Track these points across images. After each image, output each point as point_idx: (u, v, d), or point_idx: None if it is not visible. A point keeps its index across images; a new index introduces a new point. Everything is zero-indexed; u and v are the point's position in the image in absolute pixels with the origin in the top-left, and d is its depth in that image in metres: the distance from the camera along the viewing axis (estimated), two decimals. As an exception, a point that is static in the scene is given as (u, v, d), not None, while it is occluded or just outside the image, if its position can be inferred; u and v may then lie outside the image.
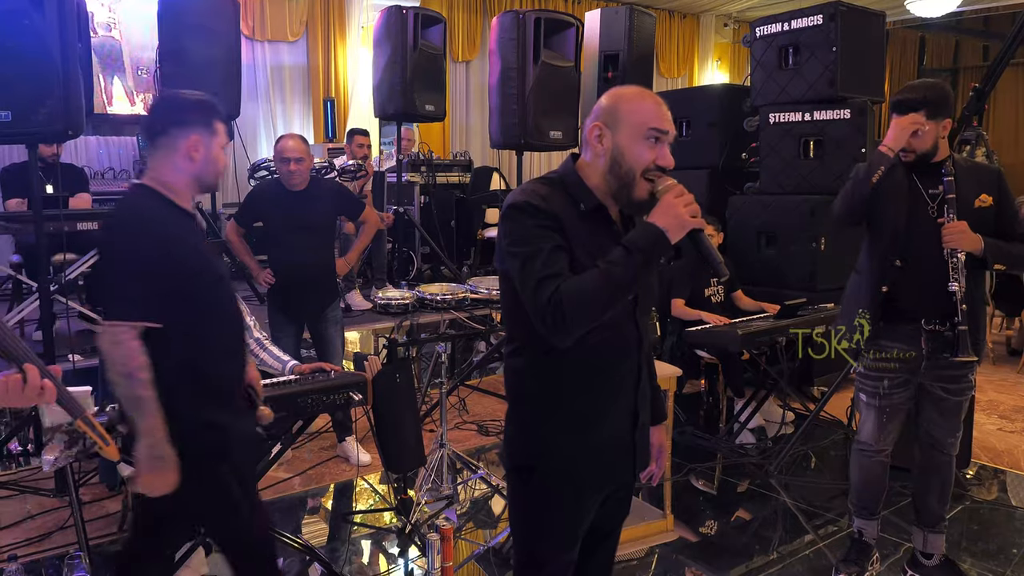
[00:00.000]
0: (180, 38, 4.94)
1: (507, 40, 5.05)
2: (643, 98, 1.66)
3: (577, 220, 1.62)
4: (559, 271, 1.54)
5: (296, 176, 3.84)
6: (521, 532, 1.79)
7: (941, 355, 2.68)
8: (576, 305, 1.51)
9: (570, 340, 1.55)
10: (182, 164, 2.03)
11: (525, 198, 1.61)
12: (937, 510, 2.91)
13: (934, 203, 2.67)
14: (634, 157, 1.61)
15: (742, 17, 11.48)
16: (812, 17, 5.12)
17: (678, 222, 1.54)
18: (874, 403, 2.83)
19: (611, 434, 1.72)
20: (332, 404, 2.84)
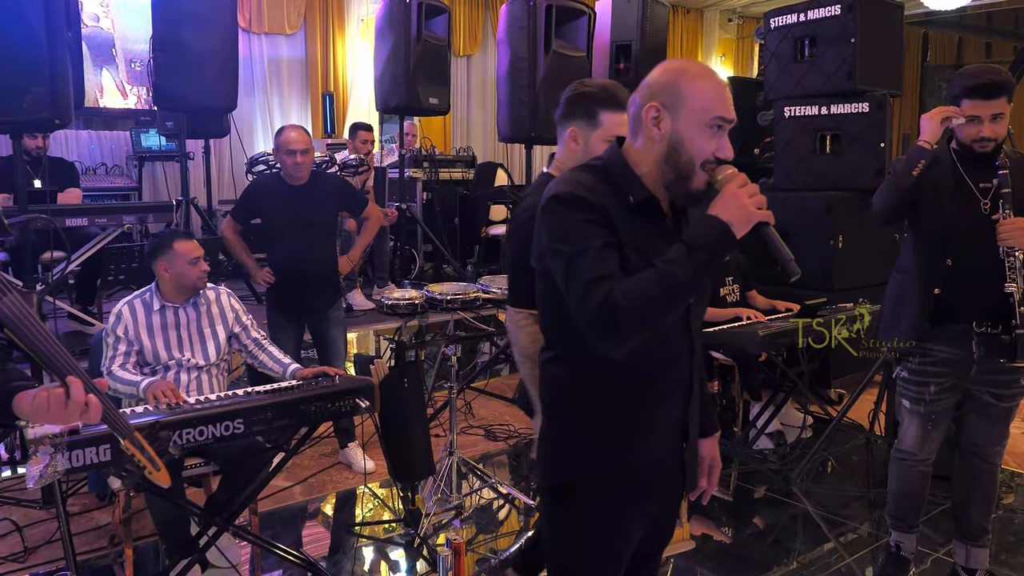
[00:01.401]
0: (175, 28, 4.77)
1: (517, 29, 4.88)
2: (708, 78, 1.45)
3: (626, 213, 1.44)
4: (611, 272, 1.36)
5: (302, 169, 3.67)
6: (559, 558, 1.61)
7: (995, 359, 2.51)
8: (633, 310, 1.33)
9: (624, 350, 1.38)
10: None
11: (570, 189, 1.43)
12: (980, 522, 2.76)
13: (985, 198, 2.48)
14: (695, 147, 1.42)
15: (746, 12, 11.34)
16: (829, 7, 4.96)
17: (743, 214, 1.36)
18: (919, 409, 2.66)
19: (659, 450, 1.55)
20: (338, 411, 2.67)
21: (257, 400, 2.53)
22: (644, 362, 1.48)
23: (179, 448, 2.32)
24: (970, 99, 2.44)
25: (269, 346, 3.10)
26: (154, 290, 2.96)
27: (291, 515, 3.56)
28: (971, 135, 2.46)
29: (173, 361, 2.90)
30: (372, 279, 5.87)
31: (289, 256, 3.74)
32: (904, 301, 2.64)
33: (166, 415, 2.37)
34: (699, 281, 1.38)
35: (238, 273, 5.79)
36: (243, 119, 7.52)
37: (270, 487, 3.48)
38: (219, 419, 2.40)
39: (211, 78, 4.90)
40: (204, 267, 2.96)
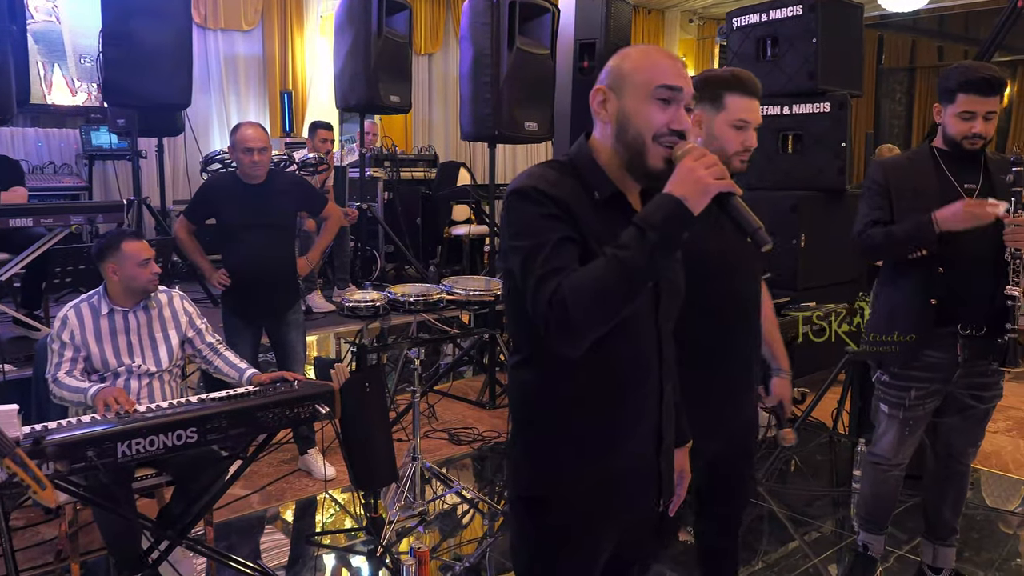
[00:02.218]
0: (125, 20, 4.60)
1: (480, 25, 4.80)
2: (650, 54, 1.42)
3: (591, 210, 1.38)
4: (564, 265, 1.29)
5: (259, 167, 3.56)
6: (528, 571, 1.54)
7: (979, 361, 2.48)
8: (582, 302, 1.25)
9: (579, 347, 1.31)
10: None
11: (531, 183, 1.37)
12: (950, 522, 2.76)
13: (971, 197, 2.41)
14: (642, 120, 1.37)
15: (707, 14, 11.42)
16: (791, 7, 4.98)
17: (699, 187, 1.27)
18: (897, 415, 2.59)
19: (633, 460, 1.49)
20: (297, 418, 2.57)
21: (211, 408, 2.42)
22: (616, 366, 1.42)
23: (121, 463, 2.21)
24: (966, 94, 2.36)
25: (225, 351, 2.99)
26: (102, 293, 2.83)
27: (248, 525, 3.44)
28: (963, 131, 2.39)
29: (123, 368, 2.78)
30: (332, 280, 5.76)
31: (245, 257, 3.62)
32: (897, 316, 2.54)
33: (115, 425, 2.26)
34: (653, 266, 1.28)
35: (193, 275, 5.63)
36: (198, 117, 7.34)
37: (226, 496, 3.36)
38: (171, 428, 2.30)
39: (164, 74, 4.75)
40: (155, 269, 2.83)
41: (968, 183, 2.44)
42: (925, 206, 2.41)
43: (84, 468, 2.16)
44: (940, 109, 2.45)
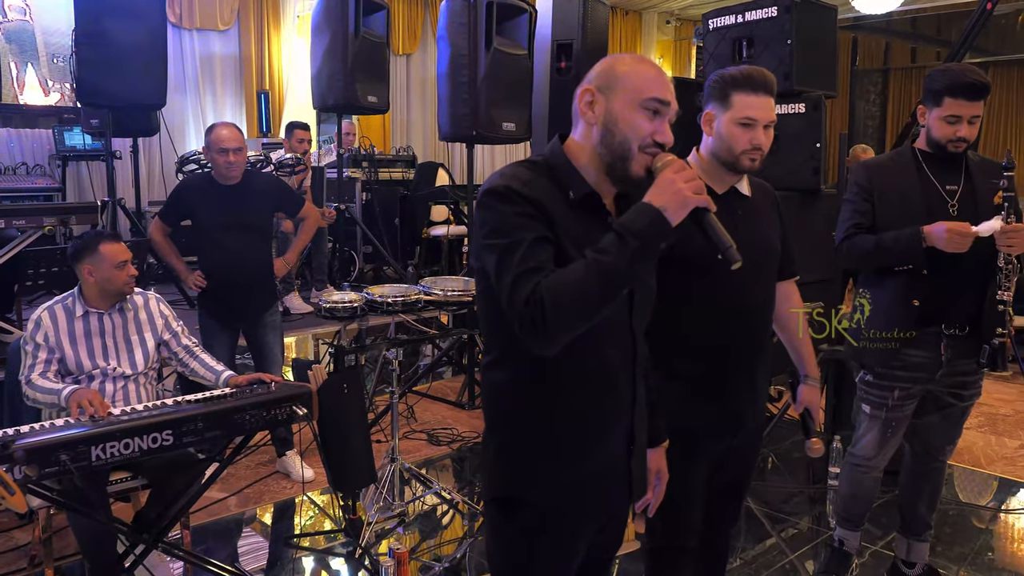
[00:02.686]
0: (98, 20, 4.56)
1: (457, 25, 4.80)
2: (643, 63, 1.45)
3: (565, 209, 1.39)
4: (541, 265, 1.31)
5: (234, 168, 3.53)
6: (502, 571, 1.55)
7: (960, 361, 2.50)
8: (560, 303, 1.27)
9: (554, 347, 1.32)
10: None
11: (504, 182, 1.38)
12: (925, 518, 2.79)
13: (952, 199, 2.44)
14: (630, 127, 1.39)
15: (684, 15, 11.48)
16: (766, 9, 5.02)
17: (679, 200, 1.30)
18: (880, 415, 2.59)
19: (605, 460, 1.50)
20: (274, 419, 2.55)
21: (187, 410, 2.40)
22: (587, 366, 1.44)
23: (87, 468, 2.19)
24: (954, 98, 2.37)
25: (201, 353, 2.97)
26: (77, 295, 2.80)
27: (226, 528, 3.42)
28: (948, 135, 2.39)
29: (97, 370, 2.75)
30: (310, 282, 5.73)
31: (222, 259, 3.59)
32: (878, 318, 2.55)
33: (88, 428, 2.24)
34: (632, 271, 1.31)
35: (169, 277, 5.58)
36: (174, 117, 7.28)
37: (203, 499, 3.34)
38: (146, 431, 2.27)
39: (138, 73, 4.71)
40: (132, 271, 2.80)
41: (950, 185, 2.46)
42: (909, 209, 2.43)
43: (57, 472, 2.14)
44: (925, 111, 2.46)
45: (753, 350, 2.01)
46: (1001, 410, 4.99)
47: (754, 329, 2.01)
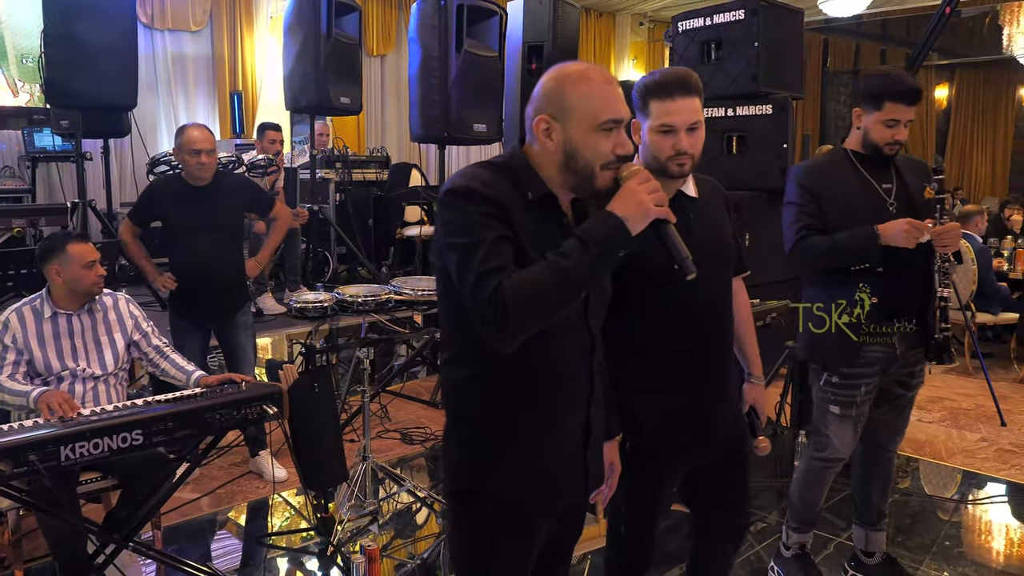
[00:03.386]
0: (67, 21, 4.53)
1: (428, 28, 4.83)
2: (591, 81, 1.44)
3: (524, 210, 1.43)
4: (502, 265, 1.35)
5: (206, 169, 3.55)
6: (464, 562, 1.59)
7: (910, 352, 2.59)
8: (521, 303, 1.32)
9: (513, 344, 1.36)
10: None
11: (466, 183, 1.42)
12: (879, 507, 2.85)
13: (891, 198, 2.52)
14: (590, 152, 1.43)
15: (657, 16, 11.57)
16: (734, 12, 5.11)
17: (641, 211, 1.37)
18: (850, 413, 2.62)
19: (562, 453, 1.55)
20: (244, 419, 2.58)
21: (157, 410, 2.42)
22: (546, 362, 1.48)
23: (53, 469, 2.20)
24: (894, 103, 2.44)
25: (172, 353, 2.98)
26: (45, 296, 2.80)
27: (198, 528, 3.43)
28: (887, 138, 2.47)
29: (67, 371, 2.75)
30: (284, 283, 5.72)
31: (193, 260, 3.60)
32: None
33: (57, 428, 2.25)
34: (591, 276, 1.37)
35: (141, 279, 5.54)
36: (145, 118, 7.22)
37: (175, 500, 3.36)
38: (116, 431, 2.29)
39: (108, 74, 4.68)
40: (100, 272, 2.81)
41: (885, 183, 2.54)
42: (856, 208, 2.49)
43: (26, 472, 2.15)
44: (861, 114, 2.51)
45: (719, 351, 2.02)
46: (963, 404, 5.11)
47: (718, 329, 2.02)
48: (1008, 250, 6.64)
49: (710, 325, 1.97)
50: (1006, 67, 13.53)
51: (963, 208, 6.66)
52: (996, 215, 7.98)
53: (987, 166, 14.80)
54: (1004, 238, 7.00)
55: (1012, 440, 4.44)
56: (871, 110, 2.48)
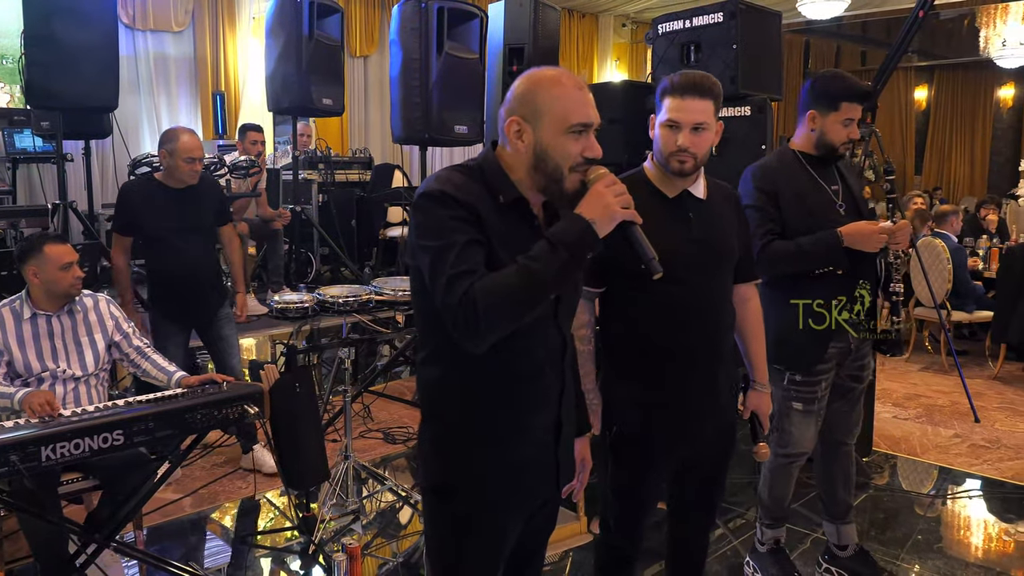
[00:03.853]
0: (48, 22, 4.51)
1: (409, 30, 4.85)
2: (562, 85, 1.48)
3: (495, 213, 1.47)
4: (474, 268, 1.39)
5: (196, 176, 3.62)
6: (439, 556, 1.63)
7: (863, 346, 2.67)
8: (491, 305, 1.35)
9: (484, 345, 1.40)
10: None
11: (439, 186, 1.45)
12: (845, 500, 2.90)
13: (839, 199, 2.58)
14: (560, 154, 1.47)
15: (640, 18, 11.64)
16: (713, 15, 5.15)
17: (608, 213, 1.41)
18: (812, 409, 2.68)
19: (533, 450, 1.59)
20: (225, 419, 2.60)
21: (138, 410, 2.43)
22: (517, 361, 1.52)
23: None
24: (850, 102, 2.51)
25: (153, 354, 3.00)
26: (25, 297, 2.81)
27: (180, 528, 3.44)
28: (843, 137, 2.53)
29: (47, 372, 2.77)
30: (267, 283, 5.73)
31: (177, 262, 3.62)
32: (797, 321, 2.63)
33: (38, 429, 2.26)
34: (561, 278, 1.41)
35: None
36: (127, 119, 7.20)
37: (157, 500, 3.37)
38: (97, 431, 2.31)
39: (90, 75, 4.67)
40: (77, 273, 2.82)
41: (832, 185, 2.60)
42: (812, 210, 2.54)
43: (7, 473, 2.16)
44: (816, 115, 2.55)
45: (709, 350, 2.05)
46: (938, 401, 5.19)
47: (710, 329, 2.05)
48: (983, 249, 6.73)
49: (696, 323, 2.02)
50: (984, 69, 13.72)
51: (938, 208, 6.76)
52: (972, 215, 8.10)
53: (966, 166, 14.99)
54: (980, 237, 7.10)
55: (985, 436, 4.52)
56: (827, 111, 2.54)
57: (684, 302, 1.98)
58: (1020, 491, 3.80)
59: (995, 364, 5.82)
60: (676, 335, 2.00)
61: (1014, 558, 3.21)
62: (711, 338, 2.05)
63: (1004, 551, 3.30)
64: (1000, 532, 3.47)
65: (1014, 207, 9.13)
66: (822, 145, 2.57)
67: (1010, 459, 4.17)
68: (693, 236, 2.01)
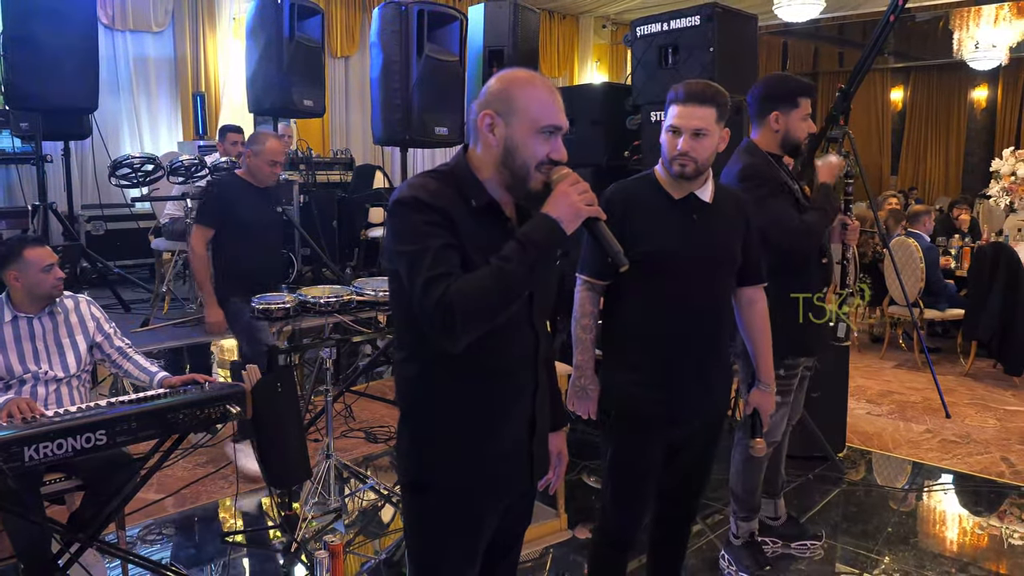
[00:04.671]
0: (26, 23, 4.53)
1: (389, 32, 4.90)
2: (536, 87, 1.54)
3: (468, 217, 1.52)
4: (449, 270, 1.44)
5: (276, 178, 3.92)
6: (418, 551, 1.67)
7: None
8: (468, 306, 1.41)
9: (461, 345, 1.45)
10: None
11: (412, 193, 1.50)
12: (783, 476, 3.16)
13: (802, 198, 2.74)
14: (528, 152, 1.53)
15: (619, 19, 11.71)
16: (690, 18, 5.22)
17: (573, 211, 1.47)
18: (788, 400, 2.83)
19: (509, 445, 1.64)
20: (208, 418, 2.62)
21: (121, 410, 2.44)
22: (492, 359, 1.57)
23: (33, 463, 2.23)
24: (806, 98, 2.68)
25: (134, 355, 3.01)
26: (5, 300, 2.82)
27: (163, 528, 3.46)
28: (804, 132, 2.69)
29: (29, 374, 2.78)
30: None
31: (263, 255, 3.94)
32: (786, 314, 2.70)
33: (21, 429, 2.27)
34: (532, 276, 1.46)
35: (104, 282, 5.54)
36: (107, 120, 7.16)
37: (140, 500, 3.38)
38: (80, 431, 2.31)
39: (69, 77, 4.68)
40: (58, 274, 2.83)
41: (793, 183, 2.76)
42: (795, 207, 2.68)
43: (-10, 473, 2.18)
44: (779, 115, 2.67)
45: (703, 345, 2.16)
46: (911, 398, 5.29)
47: (705, 325, 2.15)
48: (955, 248, 6.86)
49: (691, 317, 2.12)
50: (958, 70, 13.92)
51: (912, 208, 6.87)
52: (945, 215, 8.24)
53: (940, 166, 15.20)
54: (952, 237, 7.23)
55: (956, 431, 4.62)
56: (789, 109, 2.67)
57: (680, 296, 2.10)
58: (989, 484, 3.89)
59: (966, 361, 5.93)
60: (671, 326, 2.11)
61: (983, 549, 3.30)
62: (705, 332, 2.15)
63: (974, 543, 3.38)
64: (970, 525, 3.56)
65: (986, 207, 9.29)
66: (787, 143, 2.70)
67: (979, 453, 4.27)
68: (693, 237, 2.11)
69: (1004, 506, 3.69)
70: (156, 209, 6.00)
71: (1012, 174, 7.36)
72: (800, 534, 3.17)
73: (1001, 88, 14.30)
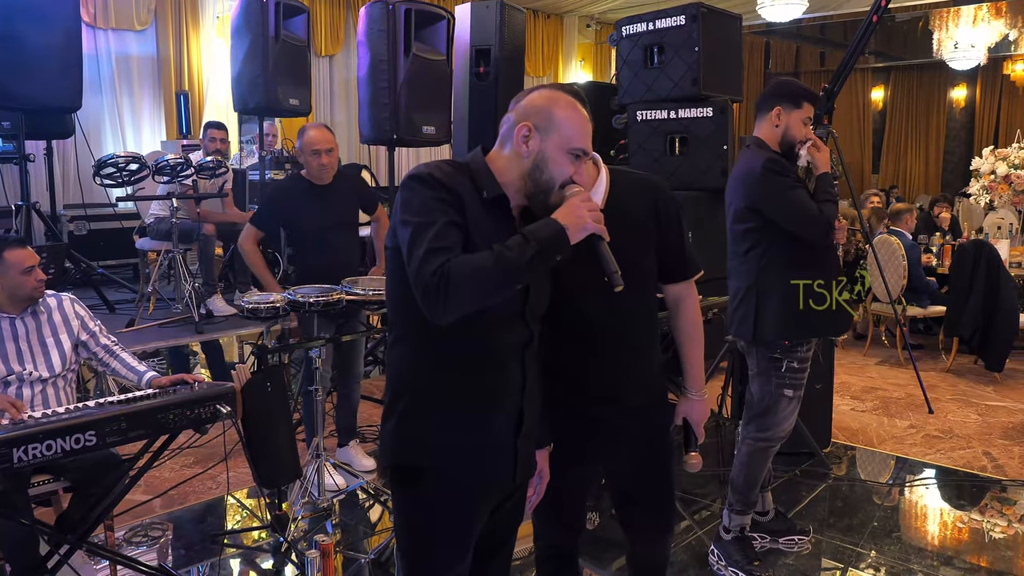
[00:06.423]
0: (8, 22, 4.48)
1: (376, 31, 4.89)
2: (576, 111, 1.64)
3: (478, 206, 1.58)
4: (451, 246, 1.49)
5: (327, 170, 3.66)
6: (407, 540, 1.68)
7: None
8: (462, 281, 1.45)
9: (449, 318, 1.48)
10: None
11: (427, 170, 1.57)
12: (772, 471, 3.17)
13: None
14: (557, 169, 1.61)
15: (604, 19, 11.76)
16: (675, 18, 5.25)
17: (579, 223, 1.54)
18: (799, 394, 2.85)
19: (495, 435, 1.65)
20: (197, 419, 2.61)
21: (110, 411, 2.43)
22: (482, 348, 1.60)
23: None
24: (811, 103, 2.75)
25: (121, 352, 2.99)
26: (-13, 301, 2.79)
27: (151, 529, 3.44)
28: (802, 135, 2.75)
29: (13, 375, 2.75)
30: (234, 284, 5.71)
31: (324, 257, 3.69)
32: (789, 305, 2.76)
33: (9, 430, 2.26)
34: (530, 268, 1.50)
35: (88, 281, 5.50)
36: (90, 119, 7.10)
37: (128, 502, 3.37)
38: (69, 432, 2.30)
39: (52, 76, 4.64)
40: (40, 276, 2.81)
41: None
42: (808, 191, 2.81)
43: (-22, 475, 2.16)
44: (781, 111, 2.74)
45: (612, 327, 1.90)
46: (894, 394, 5.35)
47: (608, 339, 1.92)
48: (937, 246, 6.94)
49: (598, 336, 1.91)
50: (938, 70, 14.09)
51: (894, 206, 6.95)
52: (926, 213, 8.33)
53: (921, 165, 15.37)
54: (933, 235, 7.31)
55: (938, 426, 4.68)
56: (791, 108, 2.73)
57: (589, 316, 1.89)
58: (971, 479, 3.95)
59: (948, 357, 6.01)
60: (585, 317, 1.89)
61: (966, 543, 3.35)
62: (613, 319, 1.90)
63: (956, 536, 3.43)
64: (952, 519, 3.61)
65: (966, 205, 9.40)
66: (785, 142, 2.76)
67: (962, 448, 4.33)
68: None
69: (986, 500, 3.74)
70: (141, 209, 5.97)
71: (991, 172, 7.46)
72: (788, 529, 3.21)
73: (980, 87, 14.48)
